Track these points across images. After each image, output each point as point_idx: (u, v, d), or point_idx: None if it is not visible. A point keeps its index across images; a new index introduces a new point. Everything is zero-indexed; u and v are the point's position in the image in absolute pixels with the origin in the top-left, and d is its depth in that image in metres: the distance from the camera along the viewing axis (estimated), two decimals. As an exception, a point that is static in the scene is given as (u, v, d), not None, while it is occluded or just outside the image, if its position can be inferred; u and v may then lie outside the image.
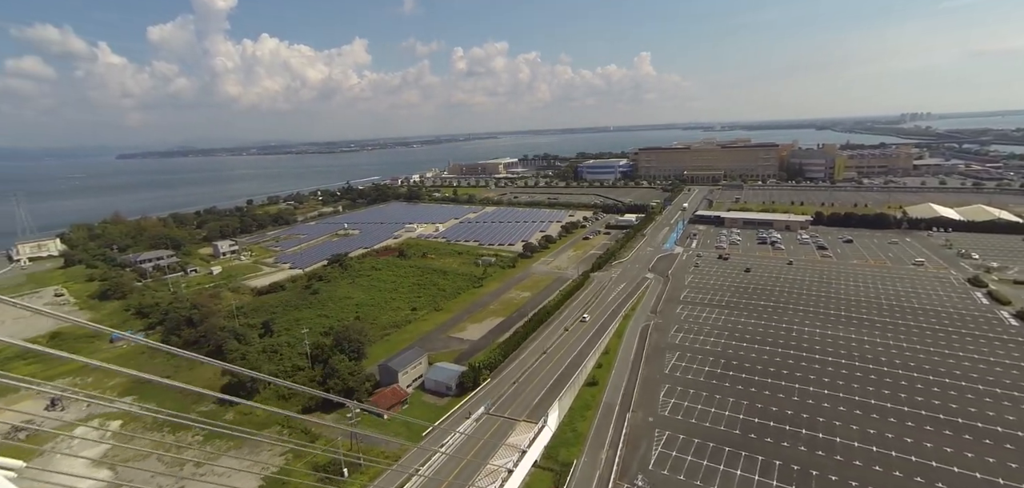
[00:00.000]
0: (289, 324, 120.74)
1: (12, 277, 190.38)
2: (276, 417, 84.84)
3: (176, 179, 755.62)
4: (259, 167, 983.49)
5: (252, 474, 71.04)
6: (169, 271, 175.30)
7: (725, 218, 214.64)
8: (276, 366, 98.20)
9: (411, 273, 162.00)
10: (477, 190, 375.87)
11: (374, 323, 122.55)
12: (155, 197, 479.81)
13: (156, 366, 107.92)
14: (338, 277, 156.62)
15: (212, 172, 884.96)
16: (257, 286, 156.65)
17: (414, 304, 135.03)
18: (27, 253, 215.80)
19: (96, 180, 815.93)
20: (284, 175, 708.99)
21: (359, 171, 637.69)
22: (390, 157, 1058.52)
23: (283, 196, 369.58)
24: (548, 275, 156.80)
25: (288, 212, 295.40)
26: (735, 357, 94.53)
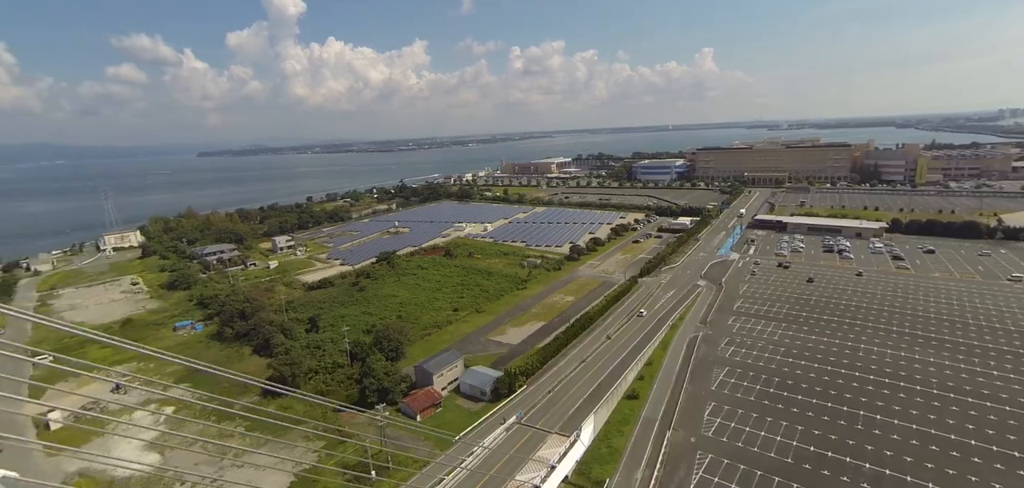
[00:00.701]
0: (334, 320, 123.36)
1: (98, 265, 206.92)
2: (313, 412, 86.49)
3: (246, 176, 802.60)
4: (322, 165, 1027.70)
5: (286, 468, 72.10)
6: (230, 264, 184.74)
7: (788, 223, 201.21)
8: (317, 362, 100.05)
9: (456, 273, 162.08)
10: (528, 190, 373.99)
11: (416, 323, 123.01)
12: (226, 193, 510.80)
13: (210, 355, 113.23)
14: (385, 275, 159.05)
15: (279, 170, 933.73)
16: (309, 281, 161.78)
17: (456, 305, 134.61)
18: (112, 243, 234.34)
19: (178, 176, 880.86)
20: (345, 173, 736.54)
21: (416, 169, 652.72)
22: (446, 156, 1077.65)
23: (340, 194, 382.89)
24: (594, 279, 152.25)
25: (343, 209, 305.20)
26: (791, 376, 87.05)
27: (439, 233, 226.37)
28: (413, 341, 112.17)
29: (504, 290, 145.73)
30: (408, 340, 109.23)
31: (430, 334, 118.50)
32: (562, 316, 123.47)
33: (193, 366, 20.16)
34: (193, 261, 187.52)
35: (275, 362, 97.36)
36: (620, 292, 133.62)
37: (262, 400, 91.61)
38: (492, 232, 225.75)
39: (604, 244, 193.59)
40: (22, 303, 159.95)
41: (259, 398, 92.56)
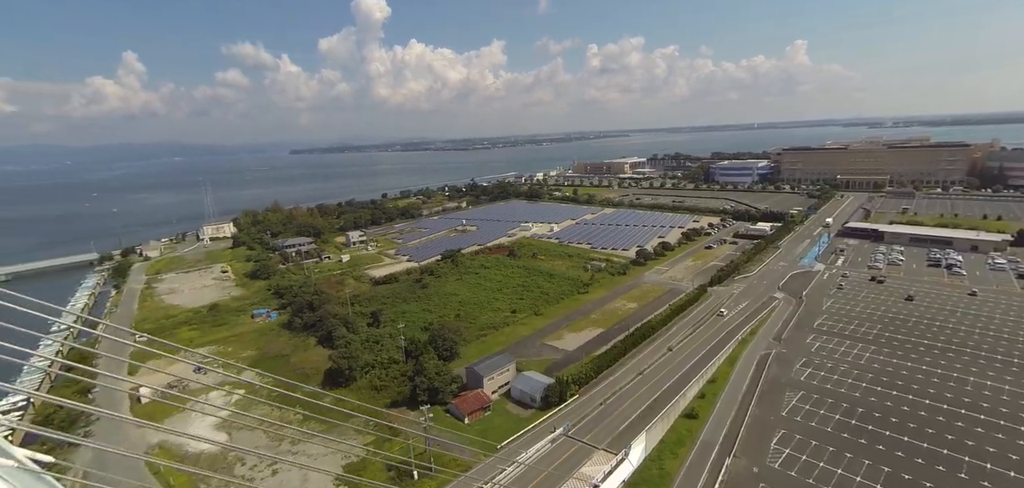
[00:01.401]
0: (396, 316, 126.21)
1: (196, 253, 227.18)
2: (366, 406, 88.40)
3: (331, 173, 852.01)
4: (400, 163, 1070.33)
5: (336, 458, 73.95)
6: (307, 257, 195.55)
7: (885, 232, 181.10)
8: (374, 356, 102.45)
9: (517, 274, 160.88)
10: (598, 190, 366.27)
11: (473, 323, 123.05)
12: (312, 188, 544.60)
13: (280, 343, 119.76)
14: (448, 273, 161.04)
15: (360, 167, 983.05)
16: (375, 276, 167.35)
17: (515, 306, 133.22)
18: (209, 234, 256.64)
19: (271, 173, 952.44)
20: (421, 170, 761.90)
21: (489, 168, 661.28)
22: (519, 155, 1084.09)
23: (414, 191, 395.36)
24: (659, 286, 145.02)
25: (415, 206, 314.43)
26: (879, 408, 77.15)
27: (505, 232, 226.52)
28: (468, 341, 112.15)
29: (564, 293, 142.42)
30: (463, 340, 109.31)
31: (486, 335, 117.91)
32: (622, 324, 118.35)
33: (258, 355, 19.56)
34: (274, 252, 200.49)
35: (335, 354, 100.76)
36: (686, 301, 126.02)
37: (320, 392, 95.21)
38: (558, 233, 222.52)
39: (673, 249, 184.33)
40: (133, 285, 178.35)
41: (318, 388, 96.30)
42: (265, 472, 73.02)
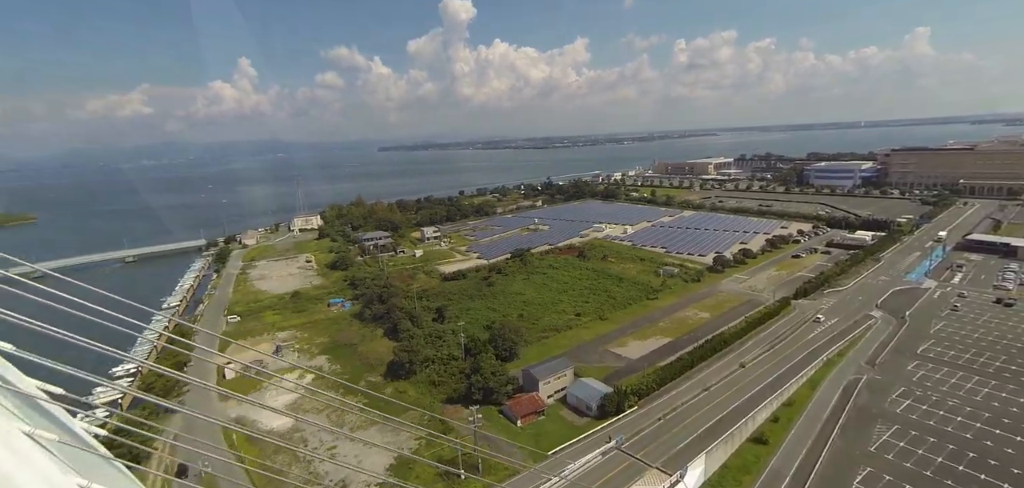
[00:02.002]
0: (460, 312, 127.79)
1: (286, 243, 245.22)
2: (423, 400, 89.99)
3: (413, 169, 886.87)
4: (480, 161, 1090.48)
5: (390, 449, 75.63)
6: (383, 250, 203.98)
7: (1019, 247, 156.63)
8: (435, 351, 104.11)
9: (586, 276, 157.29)
10: (679, 192, 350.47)
11: (535, 324, 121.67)
12: (395, 183, 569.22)
13: (351, 332, 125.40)
14: (515, 272, 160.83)
15: (441, 163, 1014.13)
16: (445, 272, 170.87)
17: (580, 309, 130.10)
18: (298, 225, 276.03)
19: (360, 168, 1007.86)
20: (500, 168, 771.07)
21: (568, 167, 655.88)
22: (599, 153, 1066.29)
23: (489, 188, 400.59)
24: (737, 296, 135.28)
25: (489, 204, 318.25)
26: (995, 455, 66.07)
27: (577, 233, 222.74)
28: (529, 343, 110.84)
29: (633, 299, 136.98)
30: (524, 341, 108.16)
31: (548, 337, 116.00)
32: (692, 334, 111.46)
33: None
34: (354, 245, 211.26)
35: (397, 347, 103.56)
36: (766, 314, 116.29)
37: (381, 383, 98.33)
38: (632, 235, 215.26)
39: (756, 257, 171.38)
40: (231, 270, 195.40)
41: (380, 380, 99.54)
42: (324, 454, 76.23)
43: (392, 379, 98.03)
